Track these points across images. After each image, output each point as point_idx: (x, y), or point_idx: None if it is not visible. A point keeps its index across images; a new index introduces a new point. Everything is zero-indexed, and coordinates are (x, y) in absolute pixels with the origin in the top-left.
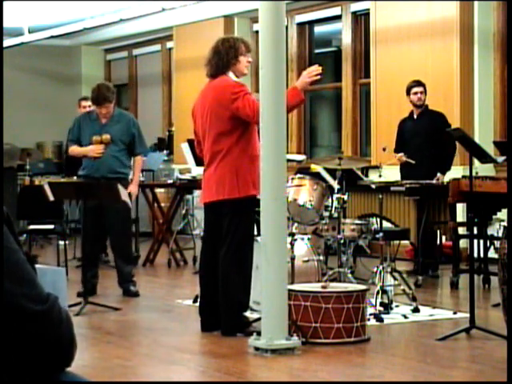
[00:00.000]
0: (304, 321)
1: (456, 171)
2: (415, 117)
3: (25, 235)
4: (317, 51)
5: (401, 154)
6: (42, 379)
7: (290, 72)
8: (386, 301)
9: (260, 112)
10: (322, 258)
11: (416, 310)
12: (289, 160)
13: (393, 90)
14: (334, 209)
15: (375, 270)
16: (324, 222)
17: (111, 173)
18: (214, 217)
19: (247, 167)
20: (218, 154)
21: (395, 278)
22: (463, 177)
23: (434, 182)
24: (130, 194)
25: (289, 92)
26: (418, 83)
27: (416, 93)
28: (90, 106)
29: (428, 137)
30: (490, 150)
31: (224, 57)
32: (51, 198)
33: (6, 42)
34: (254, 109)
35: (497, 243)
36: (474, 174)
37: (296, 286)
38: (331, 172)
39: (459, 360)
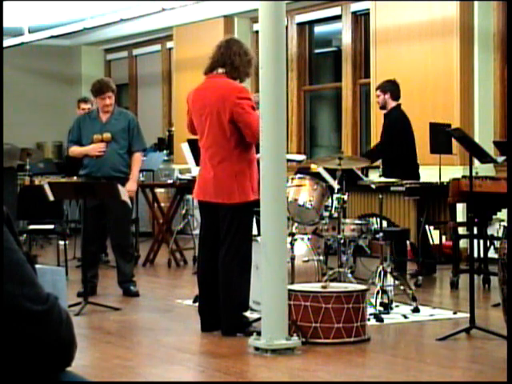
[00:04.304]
0: (304, 321)
1: (456, 171)
2: None
3: (25, 235)
4: (317, 51)
5: None
6: (42, 379)
7: (290, 72)
8: (386, 301)
9: (260, 112)
10: (321, 257)
11: (416, 310)
12: (289, 160)
13: None
14: (333, 209)
15: (375, 270)
16: (324, 222)
17: (114, 171)
18: (212, 216)
19: (246, 172)
20: (216, 155)
21: (395, 278)
22: (463, 177)
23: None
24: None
25: None
26: (377, 88)
27: None
28: (89, 109)
29: (382, 136)
30: (490, 150)
31: (243, 65)
32: (51, 198)
33: (6, 42)
34: (255, 131)
35: (497, 243)
36: (474, 174)
37: (296, 286)
38: (331, 172)
39: (459, 360)
